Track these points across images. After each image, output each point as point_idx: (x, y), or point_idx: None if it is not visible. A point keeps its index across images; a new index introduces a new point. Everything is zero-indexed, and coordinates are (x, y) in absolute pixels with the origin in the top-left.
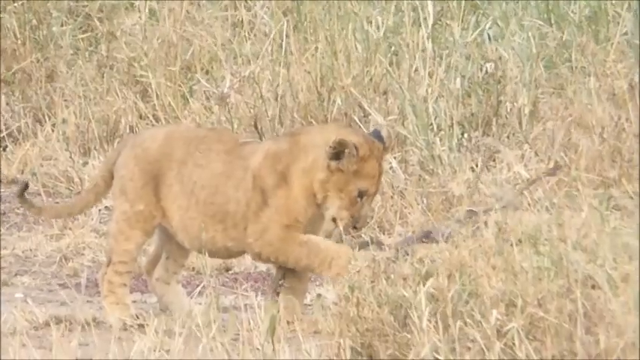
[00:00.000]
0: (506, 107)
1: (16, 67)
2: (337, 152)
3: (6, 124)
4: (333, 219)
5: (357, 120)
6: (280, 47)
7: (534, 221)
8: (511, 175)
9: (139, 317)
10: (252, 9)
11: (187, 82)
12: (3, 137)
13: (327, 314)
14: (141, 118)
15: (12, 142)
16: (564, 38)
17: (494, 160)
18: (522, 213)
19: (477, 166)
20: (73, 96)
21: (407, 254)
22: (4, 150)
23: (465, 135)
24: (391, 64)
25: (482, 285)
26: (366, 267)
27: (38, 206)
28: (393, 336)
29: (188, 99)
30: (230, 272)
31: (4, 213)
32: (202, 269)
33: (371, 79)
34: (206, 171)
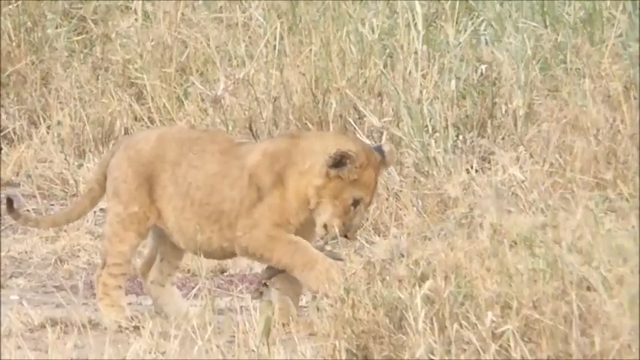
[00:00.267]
0: (501, 109)
1: (11, 70)
2: (339, 161)
3: (1, 127)
4: (324, 225)
5: (352, 122)
6: (275, 49)
7: (529, 223)
8: (506, 177)
9: (134, 319)
10: (246, 11)
11: (182, 84)
12: None
13: (323, 316)
14: (136, 120)
15: (7, 145)
16: (559, 40)
17: (489, 162)
18: (517, 215)
19: (472, 168)
20: (68, 98)
21: (402, 256)
22: None
23: (460, 137)
24: (386, 66)
25: (477, 287)
26: (362, 269)
27: (34, 218)
28: (389, 338)
29: (183, 101)
30: (225, 274)
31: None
32: (197, 271)
33: (366, 81)
34: (201, 172)
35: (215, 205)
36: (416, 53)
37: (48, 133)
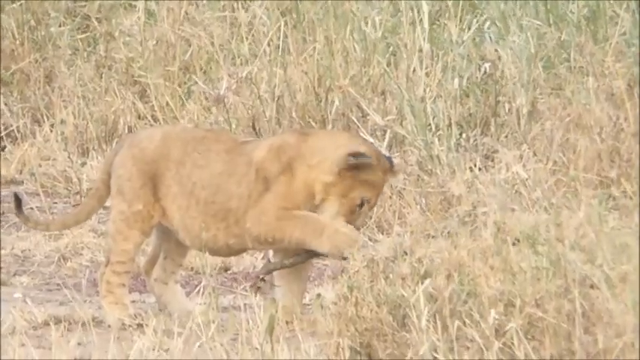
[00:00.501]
0: (504, 107)
1: (15, 68)
2: (355, 161)
3: (4, 125)
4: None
5: (356, 120)
6: (278, 48)
7: (533, 221)
8: (509, 176)
9: (138, 317)
10: (250, 9)
11: (186, 83)
12: (1, 137)
13: (326, 314)
14: (139, 118)
15: (10, 143)
16: (563, 38)
17: (492, 160)
18: (521, 213)
19: (476, 166)
20: (72, 96)
21: (406, 254)
22: (3, 150)
23: (464, 135)
24: (389, 65)
25: (480, 285)
26: (365, 267)
27: (43, 222)
28: (392, 335)
29: (186, 99)
30: (229, 272)
31: (3, 213)
32: (201, 269)
33: (369, 80)
34: (206, 171)
35: (221, 204)
36: (420, 51)
37: (51, 132)
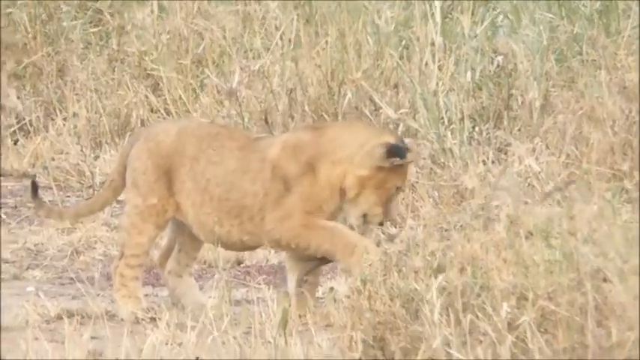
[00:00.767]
0: (517, 100)
1: (27, 61)
2: (393, 152)
3: (17, 118)
4: (364, 215)
5: (368, 113)
6: (290, 41)
7: (546, 214)
8: (522, 169)
9: (151, 311)
10: (262, 3)
11: (198, 76)
12: (14, 131)
13: (340, 307)
14: (152, 112)
15: (23, 136)
16: (575, 31)
17: (505, 154)
18: (533, 206)
19: (488, 160)
20: (84, 90)
21: (418, 247)
22: (15, 144)
23: (476, 128)
24: (402, 58)
25: (493, 278)
26: (378, 260)
27: (57, 210)
28: (405, 329)
29: (199, 93)
30: (242, 265)
31: (16, 207)
32: (214, 263)
33: (382, 73)
34: (220, 168)
35: (235, 201)
36: (432, 45)
37: (64, 125)
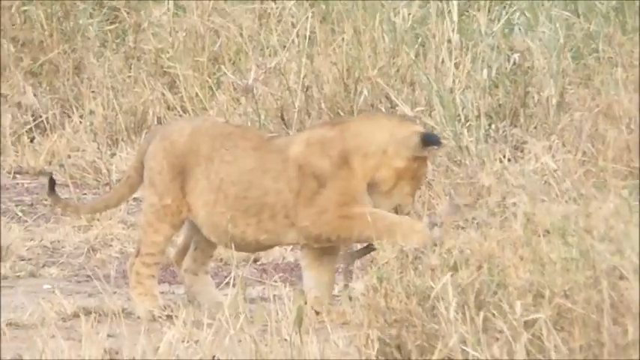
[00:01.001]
0: (533, 98)
1: (44, 59)
2: (426, 141)
3: (34, 116)
4: (398, 205)
5: (384, 111)
6: (307, 38)
7: (562, 212)
8: (538, 166)
9: (167, 308)
10: (278, 1)
11: (215, 74)
12: (31, 129)
13: (356, 305)
14: (169, 109)
15: (40, 134)
16: (591, 29)
17: (521, 151)
18: (550, 204)
19: (505, 157)
20: (101, 87)
21: (435, 245)
22: (32, 141)
23: (493, 126)
24: (418, 55)
25: (509, 276)
26: (394, 258)
27: (74, 205)
28: (421, 327)
29: (215, 90)
30: (258, 263)
31: (32, 204)
32: (230, 260)
33: (398, 70)
34: (234, 167)
35: (255, 199)
36: (449, 42)
37: (81, 123)
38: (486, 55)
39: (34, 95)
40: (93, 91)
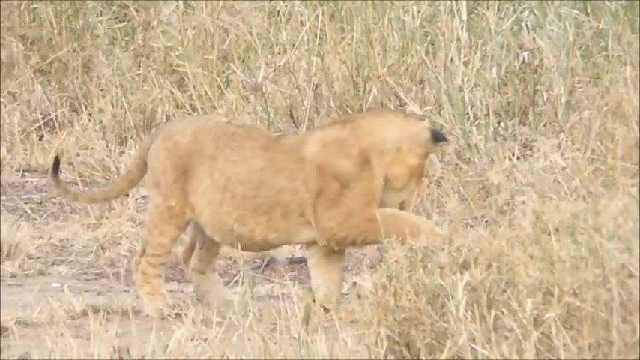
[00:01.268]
0: (542, 96)
1: (53, 57)
2: (435, 137)
3: (43, 114)
4: (403, 202)
5: (394, 109)
6: (316, 36)
7: (571, 210)
8: (548, 164)
9: (176, 307)
10: None
11: (224, 72)
12: (40, 127)
13: (365, 303)
14: (177, 107)
15: (49, 132)
16: (600, 27)
17: (530, 149)
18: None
19: (514, 155)
20: (110, 85)
21: (444, 243)
22: (41, 139)
23: (502, 124)
24: (427, 54)
25: (519, 274)
26: (404, 256)
27: (74, 192)
28: (431, 325)
29: (224, 88)
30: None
31: (41, 202)
32: (239, 258)
33: (407, 69)
34: (242, 167)
35: (267, 198)
36: (458, 40)
37: (90, 121)
38: (495, 54)
39: (43, 93)
40: (102, 89)
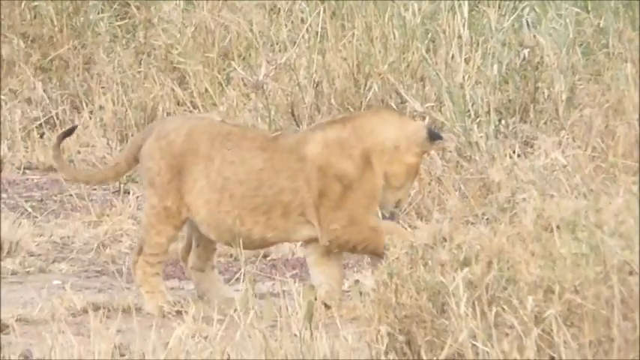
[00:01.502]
0: (543, 93)
1: (54, 54)
2: (433, 136)
3: (43, 111)
4: (399, 201)
5: (394, 106)
6: (317, 34)
7: (572, 207)
8: (548, 162)
9: (177, 304)
10: None
11: (225, 69)
12: (40, 124)
13: (366, 300)
14: (178, 105)
15: (49, 129)
16: (601, 24)
17: (531, 147)
18: (560, 199)
19: (515, 153)
20: (111, 83)
21: (445, 240)
22: (42, 137)
23: (502, 121)
24: (428, 51)
25: (520, 271)
26: (405, 253)
27: (62, 164)
28: (431, 322)
29: (225, 86)
30: (268, 259)
31: (42, 200)
32: (240, 256)
33: (408, 66)
34: (241, 167)
35: (267, 197)
36: (459, 38)
37: (90, 118)
38: (496, 51)
39: (44, 91)
40: (103, 87)
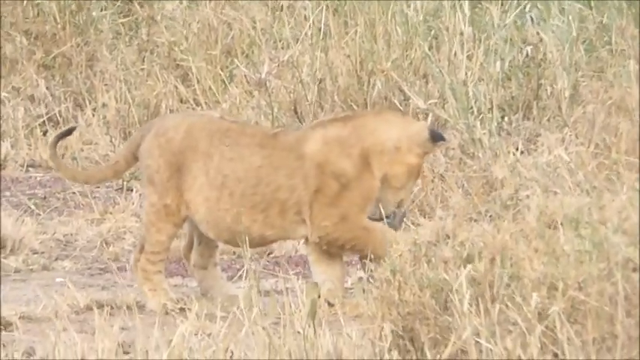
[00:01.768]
0: (546, 90)
1: (57, 52)
2: (435, 137)
3: (46, 109)
4: (400, 201)
5: (398, 104)
6: (320, 31)
7: (575, 204)
8: (551, 159)
9: (180, 301)
10: None
11: (228, 67)
12: (43, 122)
13: (369, 298)
14: (181, 102)
15: (52, 127)
16: (604, 21)
17: (534, 144)
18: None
19: (518, 150)
20: (114, 80)
21: (448, 237)
22: (45, 134)
23: (506, 118)
24: (431, 48)
25: (523, 268)
26: (408, 250)
27: (59, 163)
28: (435, 319)
29: (228, 83)
30: (271, 256)
31: (45, 197)
32: (243, 253)
33: (411, 63)
34: (240, 164)
35: (265, 195)
36: (461, 35)
37: (93, 116)
38: (499, 48)
39: (47, 88)
40: (106, 84)
